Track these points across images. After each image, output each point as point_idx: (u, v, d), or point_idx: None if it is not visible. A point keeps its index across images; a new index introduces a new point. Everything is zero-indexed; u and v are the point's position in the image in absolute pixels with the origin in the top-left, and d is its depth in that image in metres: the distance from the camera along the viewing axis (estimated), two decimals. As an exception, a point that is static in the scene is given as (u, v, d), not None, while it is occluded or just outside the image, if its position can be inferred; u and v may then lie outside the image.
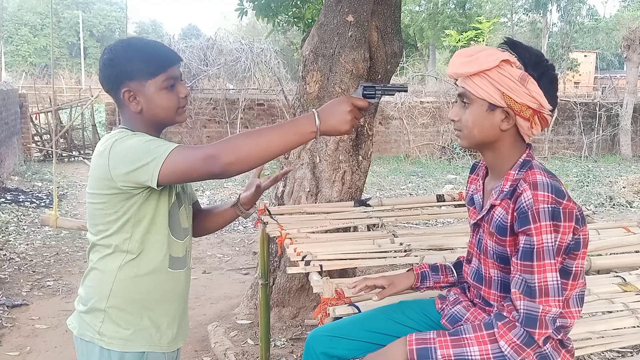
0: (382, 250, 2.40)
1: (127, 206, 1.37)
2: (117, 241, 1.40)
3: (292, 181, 3.27)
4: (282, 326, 3.36)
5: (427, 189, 8.82)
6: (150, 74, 1.40)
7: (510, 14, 29.03)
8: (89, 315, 1.44)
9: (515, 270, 1.34)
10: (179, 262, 1.51)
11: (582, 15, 28.69)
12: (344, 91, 3.09)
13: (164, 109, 1.43)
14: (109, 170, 1.32)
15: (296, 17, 4.82)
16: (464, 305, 1.58)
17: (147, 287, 1.45)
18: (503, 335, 1.31)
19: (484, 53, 1.35)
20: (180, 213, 1.50)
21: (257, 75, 11.36)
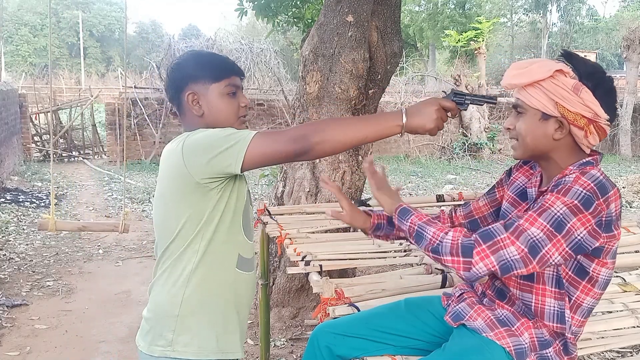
0: (381, 250, 2.40)
1: (203, 203, 1.36)
2: (191, 241, 1.39)
3: (292, 181, 3.28)
4: (282, 326, 3.37)
5: (427, 189, 8.82)
6: (214, 78, 1.45)
7: (510, 14, 29.05)
8: (159, 325, 1.41)
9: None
10: (247, 263, 1.50)
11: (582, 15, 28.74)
12: (343, 91, 3.09)
13: (225, 115, 1.46)
14: (184, 165, 1.31)
15: (296, 17, 4.82)
16: (468, 302, 1.58)
17: (218, 289, 1.43)
18: (455, 231, 1.36)
19: (537, 64, 1.37)
20: (249, 210, 1.50)
21: (257, 75, 11.36)
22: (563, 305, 1.42)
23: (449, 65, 22.02)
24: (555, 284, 1.42)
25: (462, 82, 12.50)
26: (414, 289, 1.98)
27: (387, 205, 1.60)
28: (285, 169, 3.36)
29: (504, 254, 1.29)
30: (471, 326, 1.49)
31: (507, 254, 1.29)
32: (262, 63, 11.07)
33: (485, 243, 1.30)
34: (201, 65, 1.46)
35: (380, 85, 3.27)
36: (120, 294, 4.12)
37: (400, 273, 2.17)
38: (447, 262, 1.33)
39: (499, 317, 1.50)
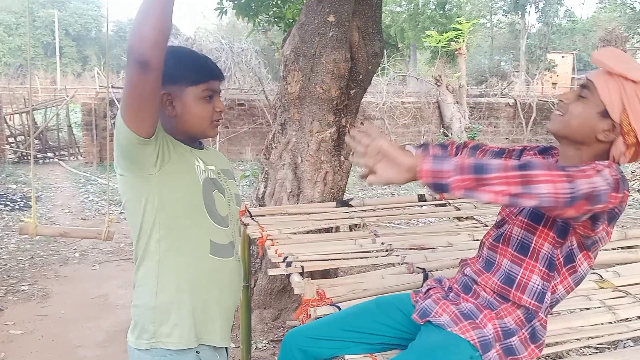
0: (363, 251, 2.39)
1: (148, 190, 1.38)
2: (151, 231, 1.40)
3: (274, 182, 3.25)
4: (264, 328, 3.34)
5: (409, 188, 8.86)
6: (193, 81, 1.42)
7: (489, 15, 29.38)
8: (142, 319, 1.42)
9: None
10: (223, 249, 1.49)
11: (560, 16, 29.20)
12: (325, 91, 3.08)
13: (199, 119, 1.45)
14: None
15: (277, 17, 4.79)
16: (434, 298, 1.58)
17: (193, 276, 1.43)
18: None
19: (638, 64, 1.32)
20: (215, 198, 1.47)
21: (237, 75, 11.29)
22: (547, 287, 1.43)
23: (430, 66, 22.18)
24: (546, 265, 1.42)
25: (443, 83, 12.59)
26: (396, 288, 1.97)
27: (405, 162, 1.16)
28: (266, 169, 3.33)
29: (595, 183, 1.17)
30: (437, 322, 1.50)
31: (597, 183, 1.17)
32: (243, 63, 11.00)
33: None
34: (180, 66, 1.42)
35: (362, 86, 3.27)
36: (98, 297, 4.05)
37: (382, 273, 2.16)
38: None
39: (463, 310, 1.50)
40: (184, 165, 1.43)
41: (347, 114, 3.24)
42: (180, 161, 1.42)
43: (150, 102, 1.26)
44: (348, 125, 3.28)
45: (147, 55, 1.18)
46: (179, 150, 1.43)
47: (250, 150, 11.49)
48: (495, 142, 13.33)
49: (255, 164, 9.94)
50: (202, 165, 1.47)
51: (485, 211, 3.04)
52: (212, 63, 1.50)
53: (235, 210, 1.58)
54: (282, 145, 3.24)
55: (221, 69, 1.61)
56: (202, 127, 1.46)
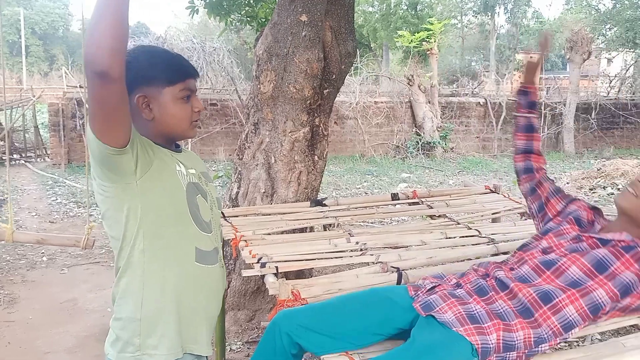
0: (338, 250, 2.40)
1: (130, 198, 1.32)
2: (134, 240, 1.35)
3: (247, 182, 3.23)
4: (238, 330, 3.31)
5: (382, 187, 8.91)
6: (169, 81, 1.38)
7: (460, 15, 29.76)
8: (126, 332, 1.36)
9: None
10: (208, 256, 1.45)
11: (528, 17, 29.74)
12: (298, 91, 3.07)
13: (178, 120, 1.40)
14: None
15: (249, 16, 4.76)
16: (440, 294, 1.61)
17: (178, 286, 1.39)
18: None
19: None
20: (199, 204, 1.44)
21: (209, 75, 11.19)
22: (578, 323, 1.52)
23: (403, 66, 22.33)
24: (591, 308, 1.53)
25: (415, 82, 12.69)
26: (370, 287, 1.98)
27: None
28: (239, 169, 3.31)
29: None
30: (441, 319, 1.52)
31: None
32: (215, 62, 10.91)
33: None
34: (154, 66, 1.38)
35: (335, 85, 3.27)
36: (67, 302, 3.96)
37: (357, 272, 2.17)
38: None
39: (471, 313, 1.52)
40: (166, 171, 1.38)
41: (320, 114, 3.24)
42: (162, 167, 1.37)
43: (118, 112, 1.19)
44: (322, 125, 3.28)
45: (105, 65, 1.10)
46: (160, 155, 1.38)
47: (223, 150, 11.39)
48: (467, 141, 13.51)
49: (228, 165, 9.87)
50: (184, 169, 1.43)
51: (457, 209, 3.07)
52: (186, 61, 1.46)
53: (217, 215, 1.56)
54: (255, 145, 3.22)
55: (196, 69, 1.58)
56: (182, 129, 1.42)
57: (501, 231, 2.68)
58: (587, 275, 1.55)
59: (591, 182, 8.83)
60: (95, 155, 1.26)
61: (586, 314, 1.52)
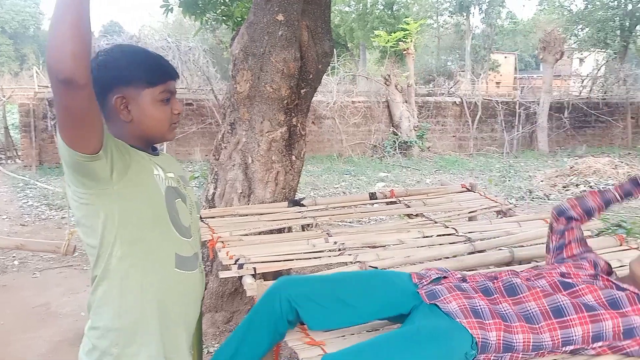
0: (316, 250, 2.39)
1: (108, 205, 1.27)
2: (112, 248, 1.29)
3: (224, 183, 3.20)
4: (216, 332, 3.28)
5: (360, 187, 8.93)
6: (149, 82, 1.33)
7: (436, 16, 30.03)
8: (103, 342, 1.32)
9: None
10: (188, 262, 1.41)
11: (502, 18, 30.17)
12: (275, 90, 3.05)
13: (157, 122, 1.36)
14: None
15: (225, 15, 4.71)
16: (446, 286, 1.65)
17: (158, 293, 1.35)
18: None
19: None
20: (179, 208, 1.40)
21: (185, 75, 11.06)
22: (578, 342, 1.56)
23: (379, 65, 22.45)
24: (595, 334, 1.57)
25: (392, 82, 12.76)
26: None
27: None
28: (216, 170, 3.27)
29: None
30: (445, 309, 1.55)
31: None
32: (191, 62, 10.79)
33: None
34: (134, 66, 1.33)
35: (312, 85, 3.26)
36: (39, 307, 3.87)
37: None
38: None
39: (474, 307, 1.56)
40: (144, 176, 1.34)
41: (297, 113, 3.22)
42: (140, 171, 1.33)
43: (88, 119, 1.14)
44: (299, 125, 3.27)
45: (69, 72, 1.04)
46: (137, 158, 1.33)
47: (199, 151, 11.29)
48: (443, 140, 13.64)
49: (204, 165, 9.78)
50: (162, 173, 1.38)
51: (434, 208, 3.09)
52: (166, 62, 1.42)
53: (196, 219, 1.53)
54: (232, 145, 3.19)
55: (176, 70, 1.54)
56: (161, 131, 1.38)
57: (478, 229, 2.70)
58: (601, 305, 1.60)
59: (564, 180, 8.99)
60: (67, 162, 1.21)
61: (588, 338, 1.56)
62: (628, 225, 5.08)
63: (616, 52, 19.59)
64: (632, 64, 17.33)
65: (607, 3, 20.17)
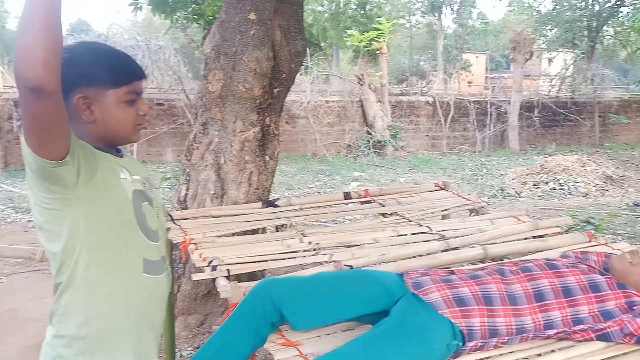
0: (291, 251, 2.37)
1: (71, 210, 1.22)
2: (78, 254, 1.25)
3: (196, 184, 3.15)
4: (189, 335, 3.24)
5: (335, 186, 8.95)
6: (113, 83, 1.28)
7: (408, 15, 30.26)
8: (68, 350, 1.27)
9: None
10: (156, 266, 1.38)
11: (473, 18, 30.56)
12: (248, 90, 3.03)
13: (121, 124, 1.31)
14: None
15: (196, 14, 4.65)
16: (432, 277, 1.67)
17: (126, 299, 1.31)
18: None
19: None
20: (146, 212, 1.36)
21: (155, 74, 10.91)
22: (559, 327, 1.59)
23: (353, 65, 22.51)
24: (575, 320, 1.61)
25: (366, 82, 12.81)
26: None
27: None
28: (188, 171, 3.23)
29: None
30: (427, 300, 1.56)
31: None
32: (161, 61, 10.63)
33: None
34: (98, 65, 1.28)
35: (285, 84, 3.24)
36: (6, 312, 3.76)
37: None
38: None
39: (458, 295, 1.57)
40: (110, 180, 1.30)
41: (271, 113, 3.20)
42: (106, 175, 1.29)
43: (55, 126, 1.09)
44: (272, 125, 3.25)
45: (38, 80, 0.99)
46: (103, 162, 1.29)
47: (170, 151, 11.16)
48: (417, 139, 13.77)
49: (176, 166, 9.66)
50: (129, 176, 1.35)
51: (408, 207, 3.10)
52: (133, 62, 1.37)
53: (163, 222, 1.50)
54: (204, 145, 3.15)
55: (143, 70, 1.50)
56: (126, 133, 1.34)
57: (451, 227, 2.71)
58: (582, 288, 1.64)
59: (535, 178, 9.15)
60: (33, 168, 1.17)
61: (568, 321, 1.59)
62: (596, 221, 5.20)
63: (584, 52, 20.03)
64: (599, 64, 17.69)
65: (574, 4, 20.60)
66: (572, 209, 6.69)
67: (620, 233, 5.75)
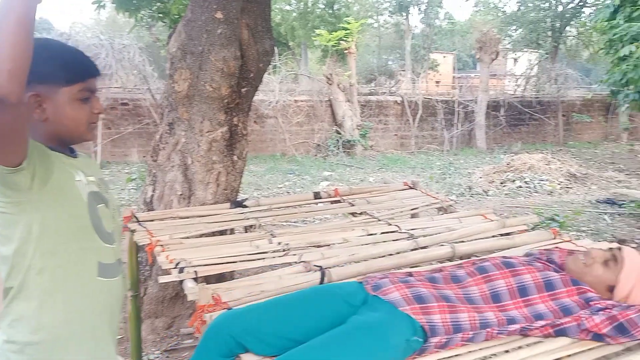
0: (260, 252, 2.35)
1: (24, 214, 1.19)
2: (31, 259, 1.21)
3: (162, 184, 3.10)
4: (156, 338, 3.18)
5: (304, 186, 8.93)
6: (66, 80, 1.25)
7: (376, 15, 30.46)
8: (20, 356, 1.23)
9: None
10: (111, 269, 1.35)
11: (440, 18, 30.97)
12: (215, 90, 2.99)
13: (74, 122, 1.28)
14: None
15: (161, 13, 4.57)
16: (391, 279, 1.68)
17: (81, 304, 1.28)
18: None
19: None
20: (101, 214, 1.33)
21: (120, 73, 10.69)
22: (523, 322, 1.59)
23: (321, 64, 22.53)
24: (535, 314, 1.63)
25: (334, 81, 12.84)
26: (293, 288, 1.95)
27: None
28: (154, 171, 3.17)
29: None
30: (387, 299, 1.56)
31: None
32: (126, 60, 10.42)
33: None
34: (51, 62, 1.25)
35: (253, 84, 3.21)
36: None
37: (279, 273, 2.13)
38: None
39: (417, 294, 1.58)
40: (66, 183, 1.27)
41: (239, 113, 3.17)
42: (62, 178, 1.25)
43: (15, 134, 1.06)
44: (241, 124, 3.21)
45: (2, 91, 0.97)
46: (58, 164, 1.25)
47: (136, 152, 10.97)
48: (386, 139, 13.87)
49: (142, 167, 9.49)
50: (84, 178, 1.32)
51: (377, 206, 3.11)
52: (87, 59, 1.34)
53: (119, 224, 1.47)
54: (170, 146, 3.10)
55: (101, 66, 1.46)
56: (79, 132, 1.31)
57: (420, 226, 2.73)
58: (537, 287, 1.68)
59: (501, 176, 9.32)
60: None
61: (530, 317, 1.61)
62: (561, 218, 5.33)
63: (548, 52, 20.52)
64: (562, 64, 18.13)
65: (538, 5, 21.08)
66: (537, 207, 6.83)
67: (584, 230, 5.90)
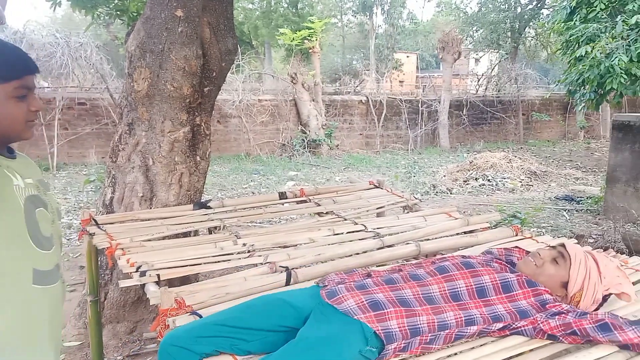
0: (225, 253, 2.31)
1: None
2: None
3: (122, 186, 3.02)
4: (118, 343, 3.09)
5: (270, 186, 8.87)
6: (2, 77, 1.19)
7: (340, 15, 30.57)
8: None
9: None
10: (48, 276, 1.29)
11: (403, 18, 31.29)
12: (176, 89, 2.93)
13: (10, 120, 1.22)
14: None
15: (119, 10, 4.46)
16: (347, 286, 1.66)
17: (14, 313, 1.21)
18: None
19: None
20: (39, 219, 1.26)
21: (76, 72, 10.39)
22: (480, 323, 1.61)
23: (285, 64, 22.49)
24: (492, 315, 1.65)
25: (299, 80, 12.81)
26: (259, 289, 1.93)
27: None
28: (113, 173, 3.08)
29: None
30: (341, 308, 1.55)
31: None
32: (82, 58, 10.12)
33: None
34: None
35: (216, 83, 3.16)
36: None
37: (245, 275, 2.10)
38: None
39: (372, 300, 1.57)
40: (3, 189, 1.21)
41: (201, 113, 3.12)
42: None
43: None
44: (203, 124, 3.16)
45: None
46: None
47: (94, 153, 10.69)
48: (351, 138, 13.92)
49: (100, 168, 9.27)
50: (21, 181, 1.26)
51: (343, 205, 3.11)
52: (24, 55, 1.29)
53: (59, 227, 1.41)
54: (130, 146, 3.02)
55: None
56: (16, 130, 1.25)
57: (386, 225, 2.74)
58: (495, 288, 1.70)
59: (465, 175, 9.47)
60: None
61: (488, 318, 1.62)
62: (522, 215, 5.44)
63: (508, 52, 20.99)
64: (522, 64, 18.57)
65: (498, 6, 21.53)
66: (500, 204, 6.96)
67: (544, 226, 6.04)
